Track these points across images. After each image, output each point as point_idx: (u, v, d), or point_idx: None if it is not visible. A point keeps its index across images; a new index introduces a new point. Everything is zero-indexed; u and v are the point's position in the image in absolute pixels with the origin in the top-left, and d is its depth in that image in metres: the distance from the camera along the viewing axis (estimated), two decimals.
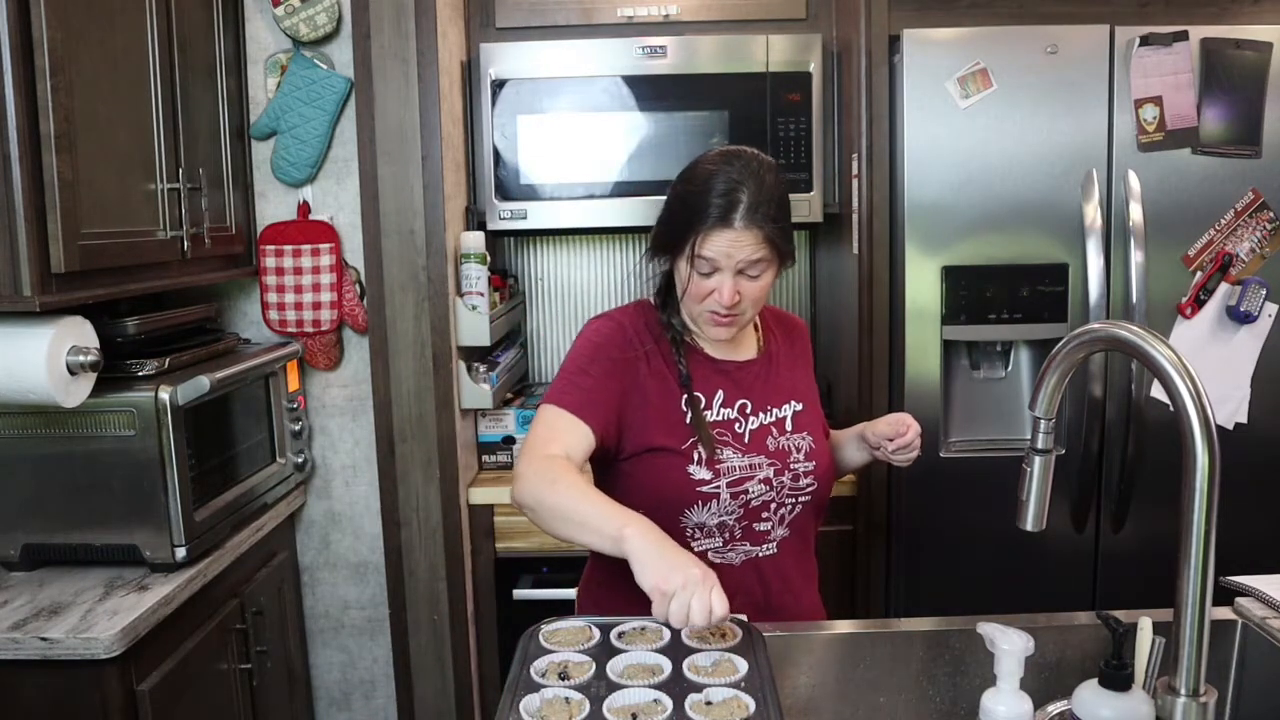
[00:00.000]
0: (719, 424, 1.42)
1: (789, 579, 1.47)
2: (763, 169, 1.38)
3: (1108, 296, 2.15)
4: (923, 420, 2.19)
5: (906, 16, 2.20)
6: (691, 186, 1.38)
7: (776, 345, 1.55)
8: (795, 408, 1.49)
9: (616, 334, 1.44)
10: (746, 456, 1.41)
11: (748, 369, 1.48)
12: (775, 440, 1.44)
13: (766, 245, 1.35)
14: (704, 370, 1.45)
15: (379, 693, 2.47)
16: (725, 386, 1.45)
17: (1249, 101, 2.13)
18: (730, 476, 1.39)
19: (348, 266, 2.29)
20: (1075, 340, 1.07)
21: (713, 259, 1.34)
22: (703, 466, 1.38)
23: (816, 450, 1.47)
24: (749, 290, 1.37)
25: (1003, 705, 1.01)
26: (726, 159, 1.38)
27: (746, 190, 1.34)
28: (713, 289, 1.37)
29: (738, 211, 1.33)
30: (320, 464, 2.39)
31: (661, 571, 1.12)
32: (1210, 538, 0.95)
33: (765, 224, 1.34)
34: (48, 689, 1.53)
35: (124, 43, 1.74)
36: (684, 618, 1.09)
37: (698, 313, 1.41)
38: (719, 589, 1.12)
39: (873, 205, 2.24)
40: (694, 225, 1.34)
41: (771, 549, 1.44)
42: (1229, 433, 2.19)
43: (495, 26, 2.48)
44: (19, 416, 1.72)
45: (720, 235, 1.33)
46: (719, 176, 1.35)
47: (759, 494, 1.41)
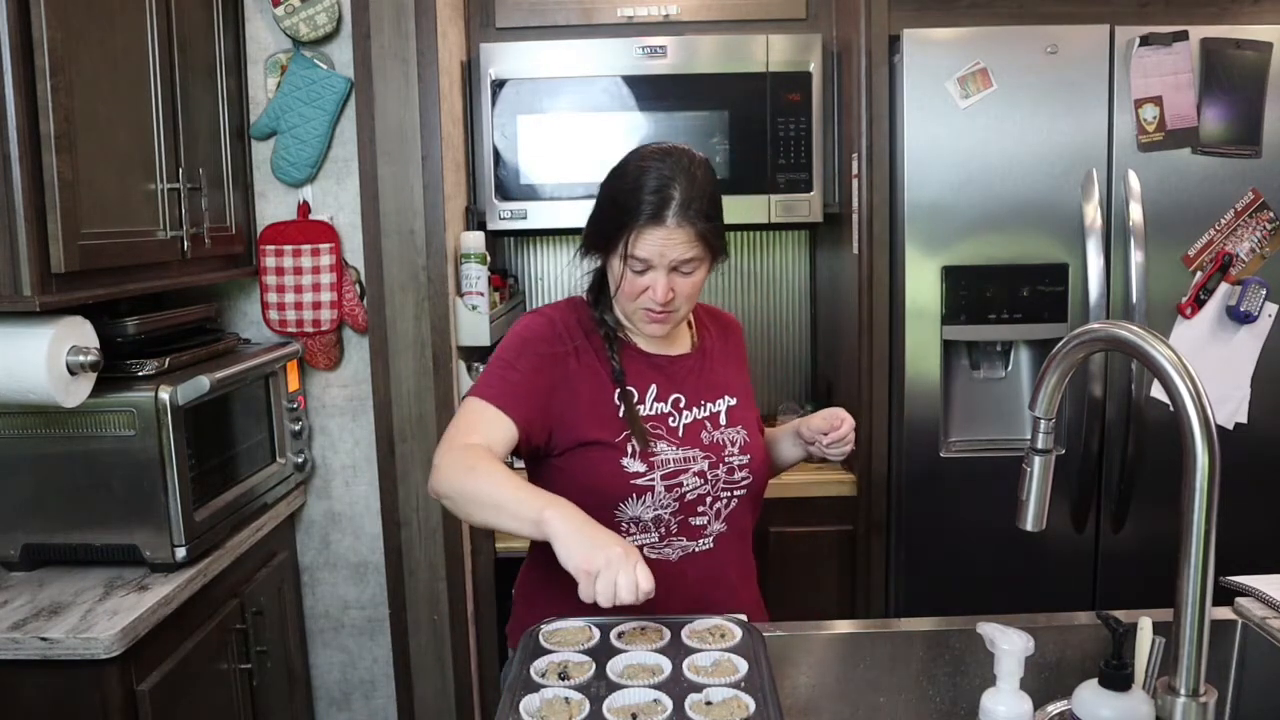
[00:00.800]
0: (652, 418, 1.42)
1: (726, 575, 1.47)
2: (694, 166, 1.37)
3: (1108, 296, 2.15)
4: (923, 420, 2.22)
5: (906, 16, 2.20)
6: (623, 184, 1.37)
7: (710, 341, 1.55)
8: (729, 402, 1.49)
9: (546, 329, 1.44)
10: (681, 450, 1.41)
11: (681, 364, 1.49)
12: (709, 434, 1.45)
13: (699, 242, 1.35)
14: (637, 365, 1.45)
15: (379, 693, 2.47)
16: (659, 381, 1.45)
17: (1249, 101, 2.13)
18: (665, 469, 1.39)
19: (348, 266, 2.29)
20: (1075, 340, 1.07)
21: (646, 258, 1.35)
22: (636, 459, 1.38)
23: (751, 444, 1.48)
24: (682, 287, 1.38)
25: (1003, 705, 1.01)
26: (658, 156, 1.38)
27: (678, 187, 1.33)
28: (646, 286, 1.37)
29: (670, 209, 1.33)
30: (320, 464, 2.39)
31: (584, 551, 1.13)
32: (1210, 538, 0.95)
33: (698, 221, 1.34)
34: (48, 689, 1.53)
35: (124, 43, 1.74)
36: (611, 596, 1.10)
37: (632, 310, 1.41)
38: (643, 564, 1.13)
39: (873, 205, 2.24)
40: (626, 223, 1.34)
41: (708, 544, 1.44)
42: (1229, 433, 2.19)
43: (495, 26, 2.49)
44: (19, 416, 1.72)
45: (653, 233, 1.33)
46: (650, 174, 1.35)
47: (694, 487, 1.41)
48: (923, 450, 2.23)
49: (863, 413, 2.30)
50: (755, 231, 2.83)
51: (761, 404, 2.98)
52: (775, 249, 2.86)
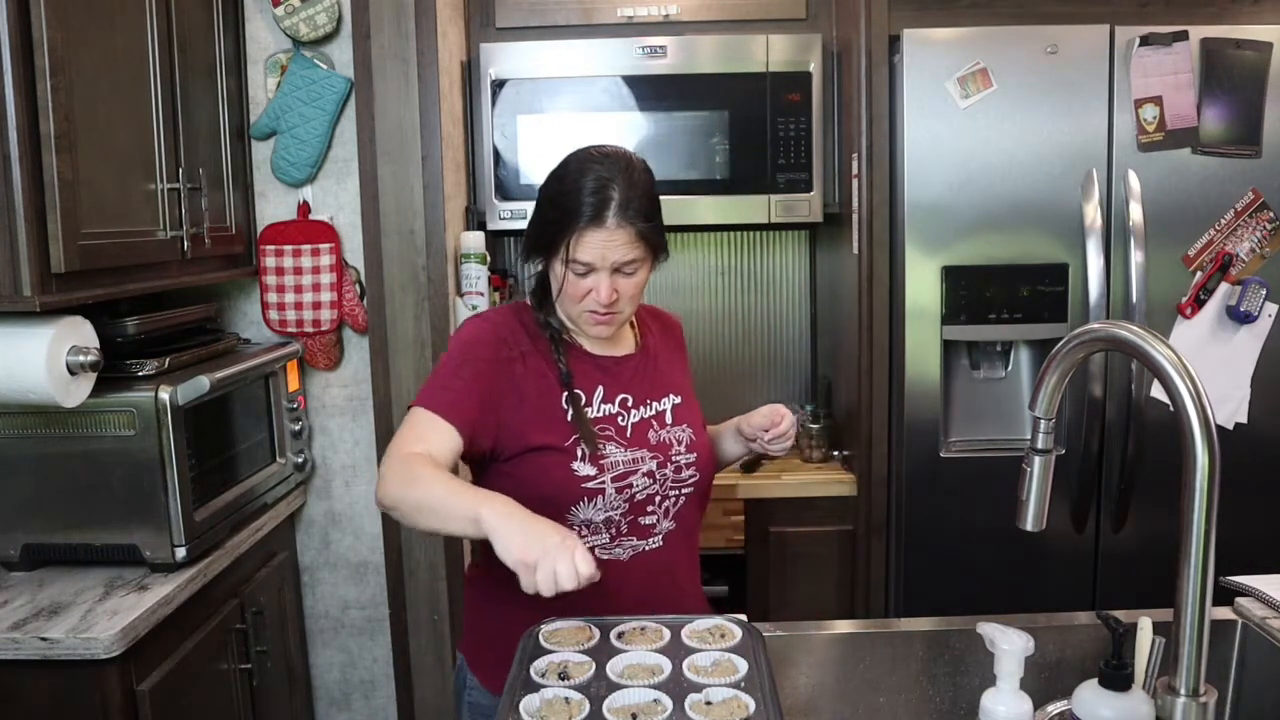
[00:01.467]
0: (601, 420, 1.43)
1: (675, 572, 1.47)
2: (632, 166, 1.38)
3: (1108, 296, 2.15)
4: (923, 420, 2.22)
5: (906, 16, 2.20)
6: (561, 186, 1.38)
7: (653, 340, 1.56)
8: (674, 400, 1.50)
9: (489, 334, 1.43)
10: (629, 451, 1.41)
11: (626, 364, 1.49)
12: (656, 433, 1.46)
13: (640, 243, 1.36)
14: (584, 367, 1.45)
15: (379, 693, 2.47)
16: (605, 382, 1.45)
17: (1249, 101, 2.13)
18: (614, 471, 1.40)
19: (348, 266, 2.29)
20: (1075, 340, 1.07)
21: (588, 261, 1.35)
22: (586, 463, 1.38)
23: (696, 441, 1.49)
24: (625, 287, 1.38)
25: (1003, 705, 1.01)
26: (595, 158, 1.38)
27: (617, 188, 1.34)
28: (590, 288, 1.37)
29: (610, 210, 1.33)
30: (320, 464, 2.39)
31: (521, 544, 1.13)
32: (1210, 538, 0.95)
33: (637, 221, 1.34)
34: (48, 689, 1.53)
35: (124, 43, 1.74)
36: (552, 584, 1.10)
37: (576, 312, 1.42)
38: (582, 549, 1.13)
39: (873, 205, 2.24)
40: (567, 226, 1.35)
41: (657, 542, 1.45)
42: (1229, 433, 2.19)
43: (495, 26, 2.49)
44: (19, 416, 1.72)
45: (594, 235, 1.34)
46: (588, 176, 1.35)
47: (643, 487, 1.42)
48: (923, 450, 2.23)
49: (862, 413, 2.31)
50: (755, 231, 2.83)
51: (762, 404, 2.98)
52: (775, 249, 2.86)
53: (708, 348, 2.86)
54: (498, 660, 1.40)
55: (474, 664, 1.47)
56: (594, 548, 1.39)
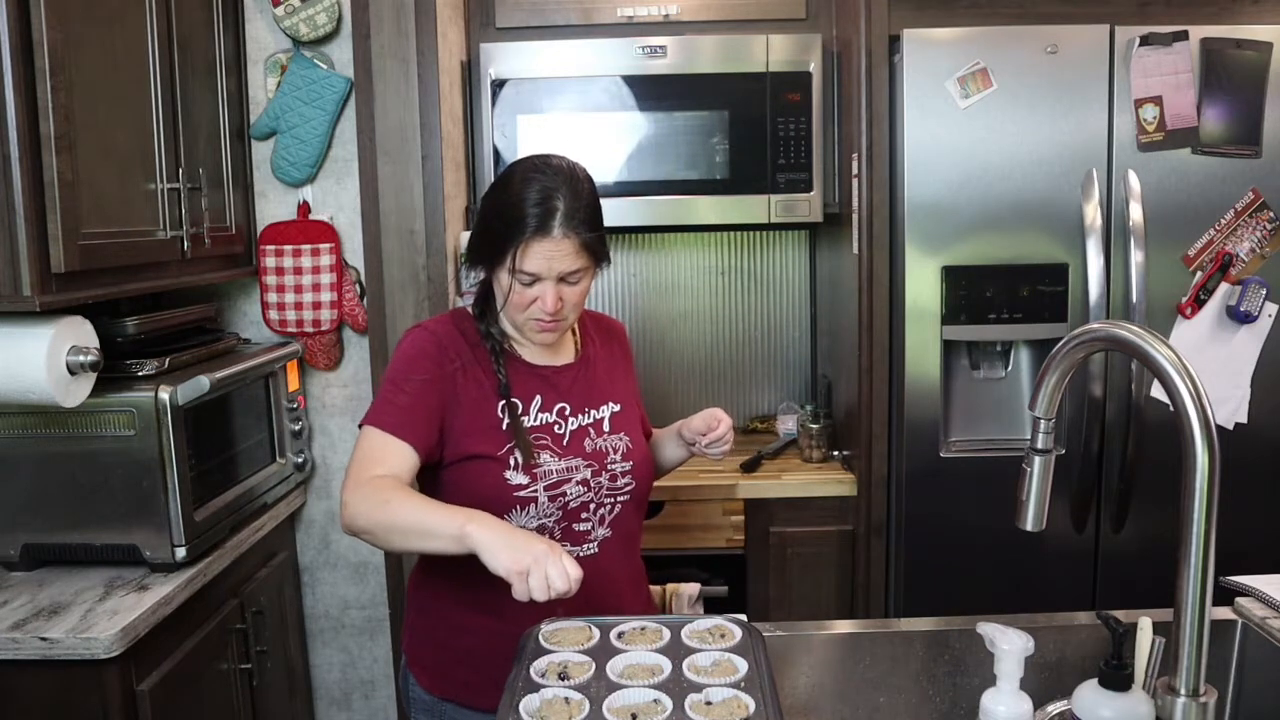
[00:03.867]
0: (537, 429, 1.44)
1: (612, 579, 1.48)
2: (575, 177, 1.39)
3: (1108, 296, 2.15)
4: (923, 420, 2.22)
5: (906, 16, 2.20)
6: (506, 196, 1.38)
7: (594, 349, 1.57)
8: (613, 409, 1.51)
9: (430, 346, 1.44)
10: (564, 460, 1.43)
11: (565, 373, 1.50)
12: (593, 441, 1.47)
13: (585, 252, 1.38)
14: (522, 376, 1.46)
15: (379, 693, 2.47)
16: (543, 391, 1.47)
17: (1249, 101, 2.13)
18: (547, 480, 1.41)
19: (348, 266, 2.29)
20: (1075, 340, 1.07)
21: (535, 271, 1.36)
22: (519, 471, 1.39)
23: (634, 450, 1.50)
24: (570, 295, 1.40)
25: (1003, 705, 1.01)
26: (539, 168, 1.39)
27: (562, 198, 1.35)
28: (535, 297, 1.39)
29: (555, 220, 1.35)
30: (320, 464, 2.39)
31: (510, 554, 1.16)
32: (1210, 538, 0.95)
33: (582, 231, 1.36)
34: (48, 689, 1.53)
35: (124, 43, 1.74)
36: (544, 589, 1.14)
37: (521, 320, 1.43)
38: (568, 555, 1.18)
39: (873, 205, 2.24)
40: (512, 237, 1.36)
41: (592, 549, 1.45)
42: (1229, 433, 2.19)
43: (495, 26, 2.48)
44: (19, 416, 1.72)
45: (540, 245, 1.35)
46: (533, 185, 1.36)
47: (576, 495, 1.43)
48: (923, 450, 2.23)
49: (862, 413, 2.31)
50: (755, 231, 2.83)
51: (762, 404, 3.00)
52: (775, 249, 2.86)
53: (708, 348, 2.86)
54: (434, 660, 1.47)
55: (413, 662, 1.51)
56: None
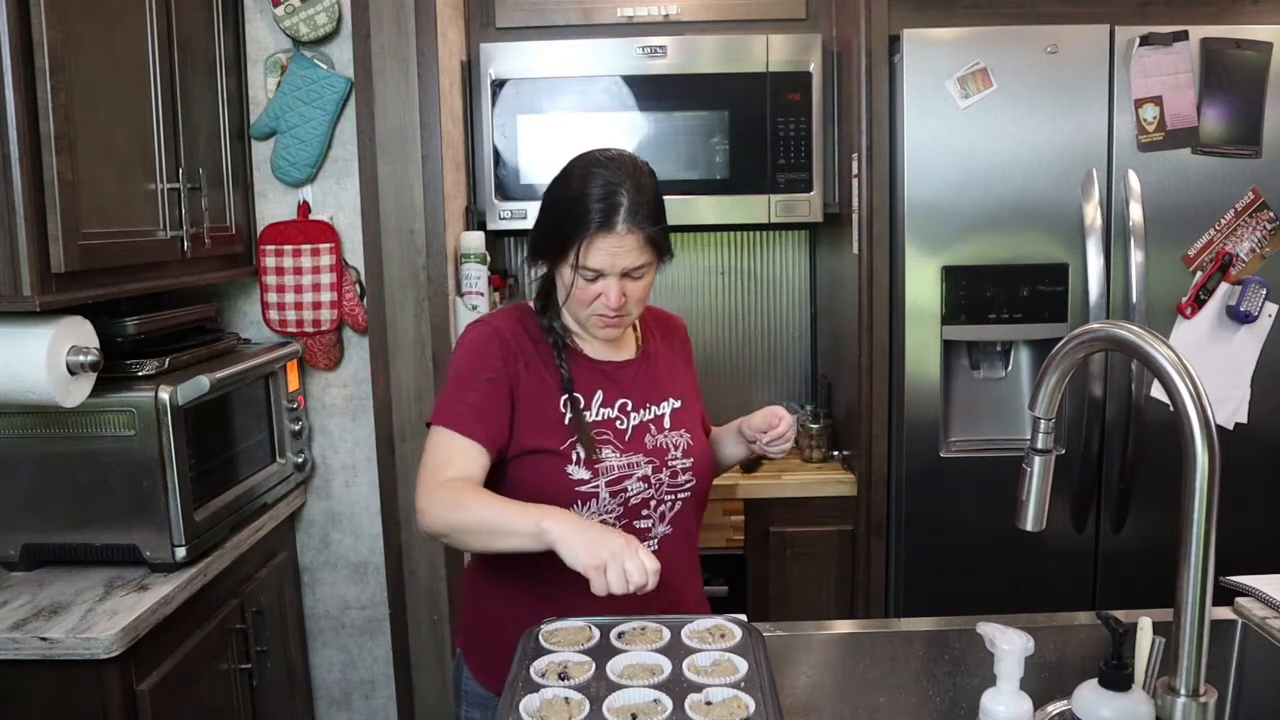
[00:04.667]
0: (599, 424, 1.43)
1: (670, 577, 1.46)
2: (638, 170, 1.38)
3: (1108, 296, 2.15)
4: (923, 420, 2.22)
5: (906, 16, 2.20)
6: (568, 192, 1.38)
7: (655, 344, 1.56)
8: (674, 405, 1.51)
9: (494, 342, 1.43)
10: (625, 455, 1.42)
11: (627, 369, 1.50)
12: (654, 438, 1.46)
13: (649, 247, 1.37)
14: (584, 371, 1.46)
15: (379, 693, 2.47)
16: (605, 386, 1.46)
17: (1249, 101, 2.13)
18: (609, 476, 1.40)
19: (348, 266, 2.29)
20: (1075, 340, 1.07)
21: (598, 268, 1.36)
22: (581, 466, 1.39)
23: (694, 446, 1.49)
24: (633, 291, 1.39)
25: (1003, 705, 1.01)
26: (601, 163, 1.38)
27: (626, 193, 1.34)
28: (599, 293, 1.38)
29: (619, 215, 1.34)
30: (320, 464, 2.39)
31: (589, 549, 1.17)
32: (1210, 538, 0.95)
33: (646, 226, 1.35)
34: (48, 689, 1.53)
35: (124, 43, 1.74)
36: (623, 583, 1.15)
37: (584, 316, 1.42)
38: (644, 548, 1.19)
39: (873, 205, 2.24)
40: (576, 233, 1.35)
41: (653, 545, 1.45)
42: (1229, 433, 2.19)
43: (495, 26, 2.48)
44: (19, 416, 1.72)
45: (603, 241, 1.34)
46: (596, 180, 1.35)
47: (638, 492, 1.42)
48: (923, 450, 2.23)
49: (862, 413, 2.31)
50: (755, 231, 2.83)
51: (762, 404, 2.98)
52: (775, 249, 2.86)
53: (708, 348, 2.86)
54: (491, 654, 1.45)
55: (469, 657, 1.51)
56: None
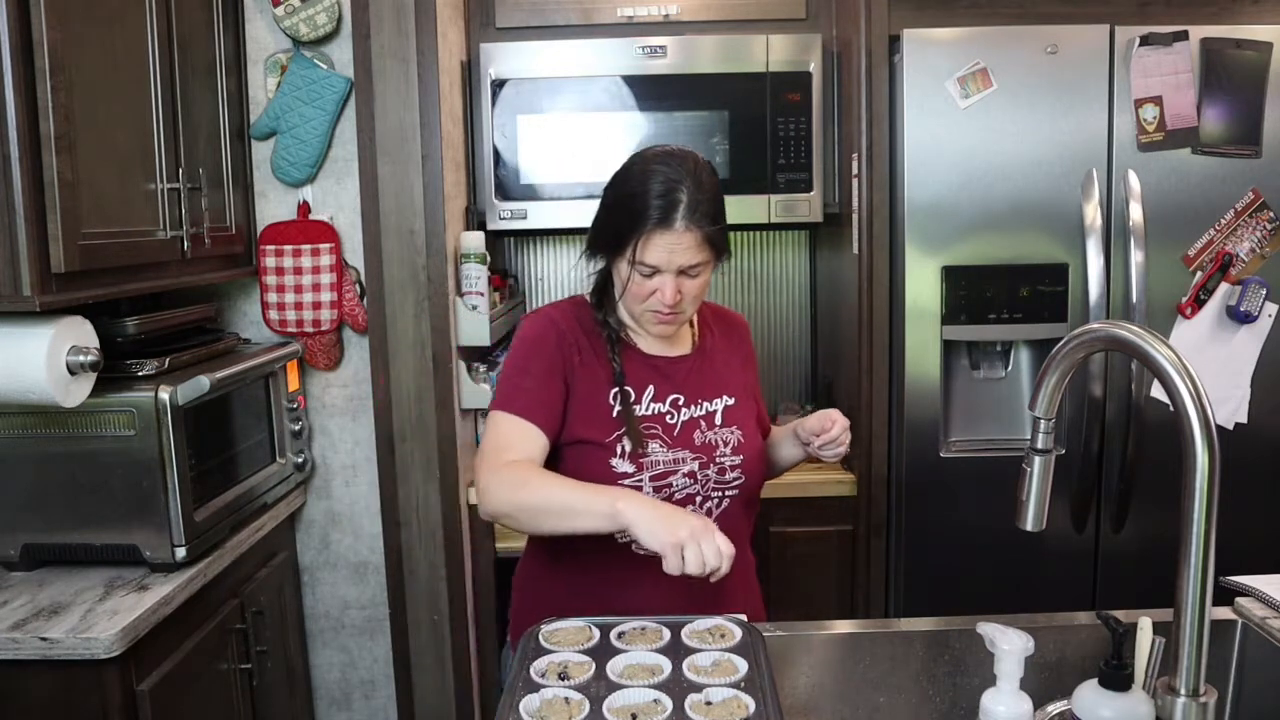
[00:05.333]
0: (648, 418, 1.44)
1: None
2: (699, 168, 1.38)
3: (1108, 296, 2.15)
4: (923, 420, 2.22)
5: (906, 16, 2.20)
6: (628, 188, 1.38)
7: (712, 341, 1.56)
8: (727, 402, 1.51)
9: (550, 331, 1.46)
10: (672, 451, 1.43)
11: (680, 364, 1.50)
12: (703, 434, 1.46)
13: (706, 245, 1.37)
14: (636, 366, 1.47)
15: (379, 693, 2.47)
16: (657, 381, 1.47)
17: (1249, 101, 2.13)
18: (653, 470, 1.41)
19: (348, 266, 2.29)
20: (1075, 340, 1.07)
21: (655, 264, 1.36)
22: (625, 459, 1.40)
23: (745, 445, 1.49)
24: (689, 289, 1.39)
25: (1003, 705, 1.01)
26: (662, 159, 1.38)
27: (685, 190, 1.34)
28: (655, 289, 1.38)
29: (678, 212, 1.34)
30: (320, 464, 2.39)
31: (666, 528, 1.19)
32: (1210, 538, 0.95)
33: (704, 224, 1.35)
34: (48, 689, 1.53)
35: (124, 43, 1.74)
36: (700, 563, 1.16)
37: (639, 311, 1.43)
38: (720, 532, 1.20)
39: (873, 205, 2.24)
40: (634, 228, 1.35)
41: None
42: (1229, 433, 2.19)
43: (495, 26, 2.48)
44: (19, 416, 1.72)
45: (661, 238, 1.34)
46: (656, 177, 1.35)
47: (683, 487, 1.43)
48: (923, 450, 2.23)
49: (862, 413, 2.30)
50: (755, 231, 2.83)
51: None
52: (775, 249, 2.86)
53: None
54: None
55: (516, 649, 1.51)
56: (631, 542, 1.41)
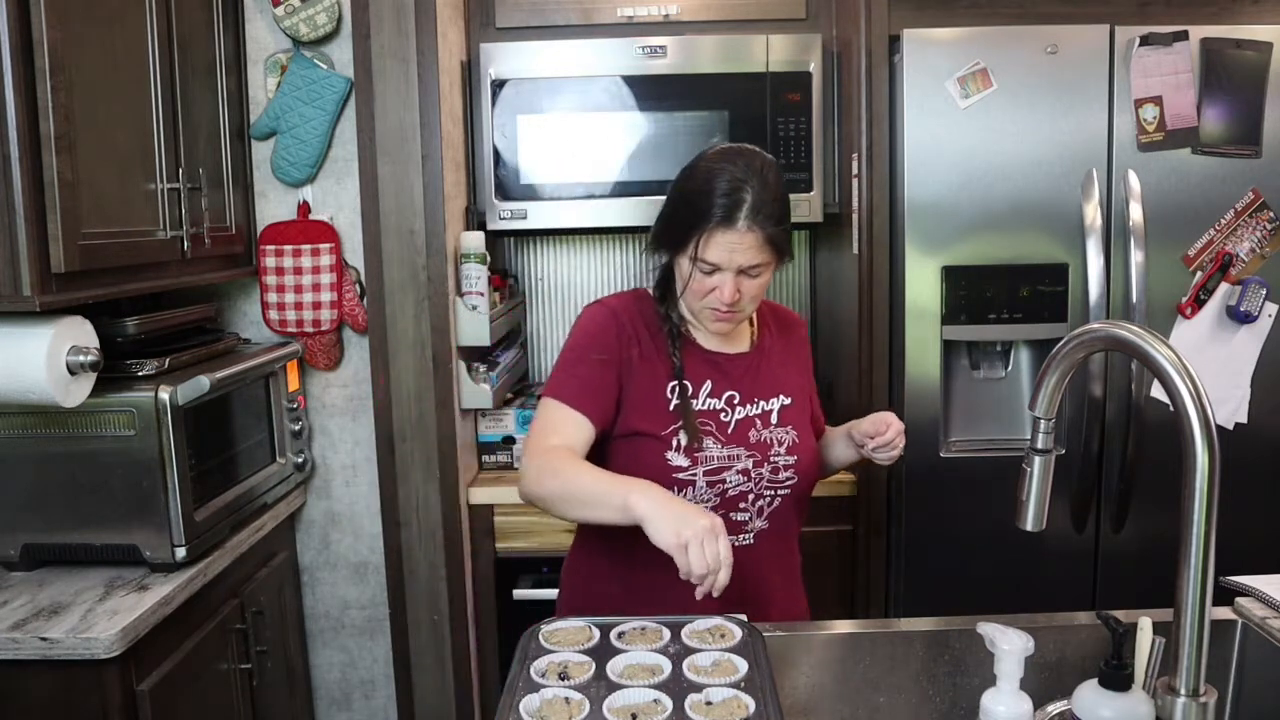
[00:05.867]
0: (704, 413, 1.45)
1: (764, 571, 1.48)
2: (765, 168, 1.38)
3: (1108, 296, 2.15)
4: (923, 420, 2.22)
5: (906, 16, 2.20)
6: (693, 185, 1.38)
7: (770, 340, 1.57)
8: (783, 401, 1.51)
9: (610, 322, 1.46)
10: (727, 448, 1.43)
11: (738, 362, 1.50)
12: (758, 433, 1.47)
13: (768, 246, 1.37)
14: (695, 361, 1.47)
15: (379, 693, 2.47)
16: (714, 377, 1.47)
17: (1249, 101, 2.13)
18: (708, 465, 1.42)
19: (348, 266, 2.29)
20: (1075, 340, 1.07)
21: (715, 262, 1.36)
22: (680, 453, 1.41)
23: (799, 445, 1.49)
24: (749, 288, 1.40)
25: (1003, 705, 1.01)
26: (729, 157, 1.38)
27: (750, 190, 1.34)
28: (714, 287, 1.39)
29: (741, 212, 1.34)
30: (320, 464, 2.39)
31: (672, 528, 1.18)
32: (1210, 538, 0.95)
33: (767, 225, 1.35)
34: (48, 689, 1.53)
35: (124, 43, 1.74)
36: (704, 565, 1.15)
37: (698, 308, 1.44)
38: (724, 536, 1.18)
39: (873, 205, 2.24)
40: (697, 225, 1.36)
41: (748, 539, 1.46)
42: (1229, 433, 2.19)
43: (495, 26, 2.48)
44: (19, 416, 1.72)
45: (723, 236, 1.35)
46: (722, 176, 1.36)
47: (736, 484, 1.43)
48: (923, 450, 2.22)
49: (862, 412, 2.30)
50: None
51: None
52: None
53: None
54: None
55: None
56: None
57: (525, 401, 2.56)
